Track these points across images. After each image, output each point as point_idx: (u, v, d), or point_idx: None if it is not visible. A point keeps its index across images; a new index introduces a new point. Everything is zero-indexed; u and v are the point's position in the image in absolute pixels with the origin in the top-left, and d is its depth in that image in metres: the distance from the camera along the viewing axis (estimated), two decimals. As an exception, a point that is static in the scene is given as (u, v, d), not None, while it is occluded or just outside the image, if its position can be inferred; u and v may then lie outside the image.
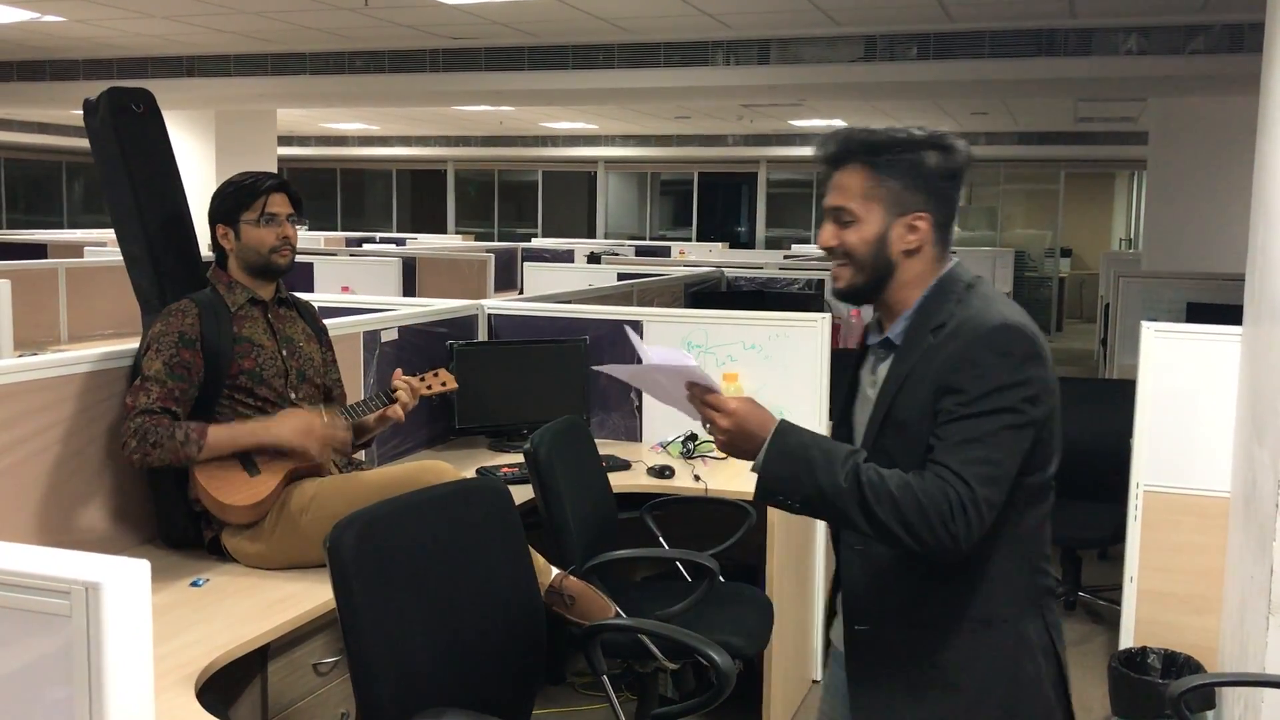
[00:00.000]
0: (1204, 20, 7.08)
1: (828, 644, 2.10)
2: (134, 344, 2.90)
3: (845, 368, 2.08)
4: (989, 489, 1.69)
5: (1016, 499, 1.76)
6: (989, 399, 1.71)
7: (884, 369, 1.87)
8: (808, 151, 15.93)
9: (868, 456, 1.77)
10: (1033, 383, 1.74)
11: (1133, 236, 17.68)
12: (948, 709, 1.82)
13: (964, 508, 1.67)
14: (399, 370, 3.09)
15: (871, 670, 1.89)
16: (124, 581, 1.13)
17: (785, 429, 1.77)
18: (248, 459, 2.77)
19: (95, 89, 3.06)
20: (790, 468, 1.74)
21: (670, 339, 4.25)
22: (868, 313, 1.99)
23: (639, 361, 1.91)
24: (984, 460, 1.69)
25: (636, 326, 4.31)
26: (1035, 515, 1.84)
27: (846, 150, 1.86)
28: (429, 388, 3.13)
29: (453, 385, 3.20)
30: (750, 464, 1.78)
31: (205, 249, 3.05)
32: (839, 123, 15.05)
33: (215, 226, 2.94)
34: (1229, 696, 3.30)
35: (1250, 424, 3.27)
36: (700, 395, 1.80)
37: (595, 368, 1.92)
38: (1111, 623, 4.20)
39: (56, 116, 15.48)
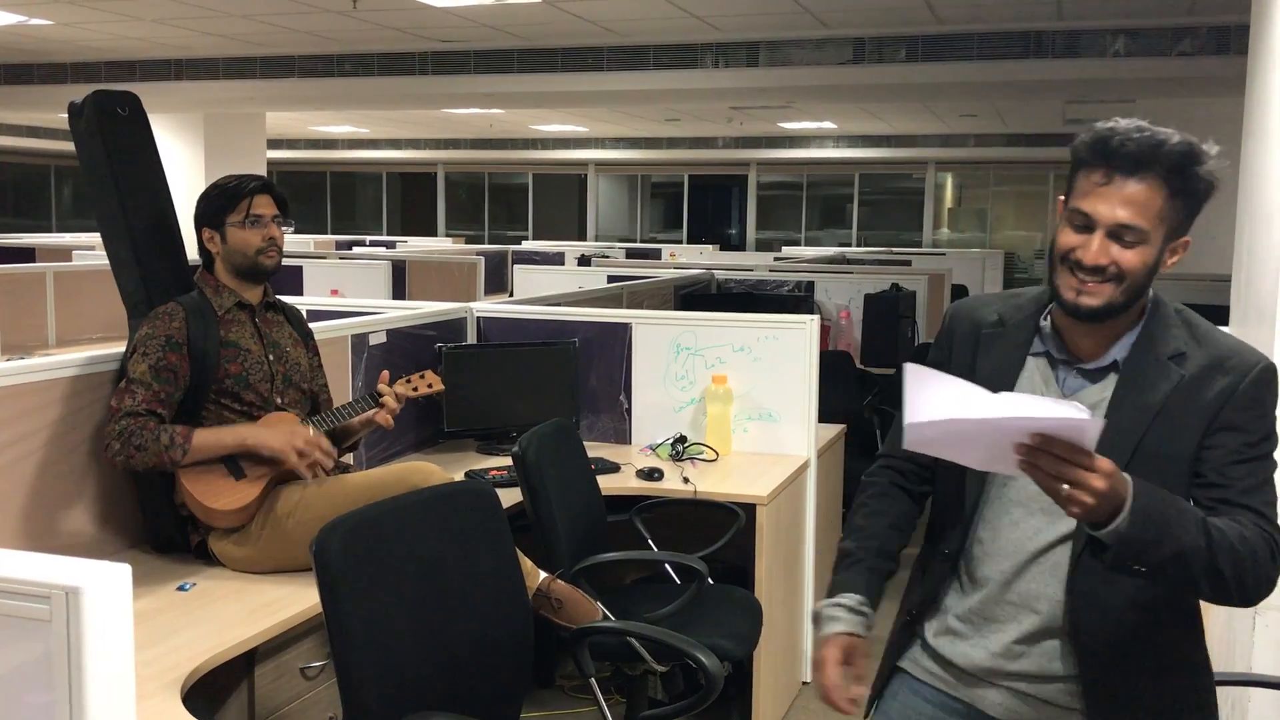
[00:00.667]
0: (1191, 22, 7.12)
1: (890, 671, 1.93)
2: (121, 348, 2.89)
3: (836, 369, 1.93)
4: None
5: None
6: (1269, 440, 1.68)
7: (1091, 392, 1.74)
8: (798, 154, 15.93)
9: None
10: None
11: (1122, 238, 17.70)
12: None
13: (1277, 552, 1.62)
14: (385, 374, 3.08)
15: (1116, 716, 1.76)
16: (105, 586, 1.13)
17: (1142, 488, 1.53)
18: (233, 463, 2.76)
19: (83, 92, 3.05)
20: (1153, 530, 1.53)
21: (660, 341, 4.25)
22: (857, 314, 1.93)
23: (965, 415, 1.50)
24: (1274, 503, 1.66)
25: (625, 329, 4.30)
26: None
27: (1151, 158, 1.62)
28: (415, 390, 3.12)
29: (439, 387, 3.19)
30: (1098, 525, 1.53)
31: (193, 253, 3.04)
32: (828, 125, 15.09)
33: (201, 230, 2.94)
34: (1219, 696, 3.30)
35: (1237, 424, 3.28)
36: (1068, 453, 1.46)
37: (912, 422, 1.50)
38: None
39: (45, 120, 15.44)
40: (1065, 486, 1.48)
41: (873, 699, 1.94)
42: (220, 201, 2.92)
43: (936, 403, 1.50)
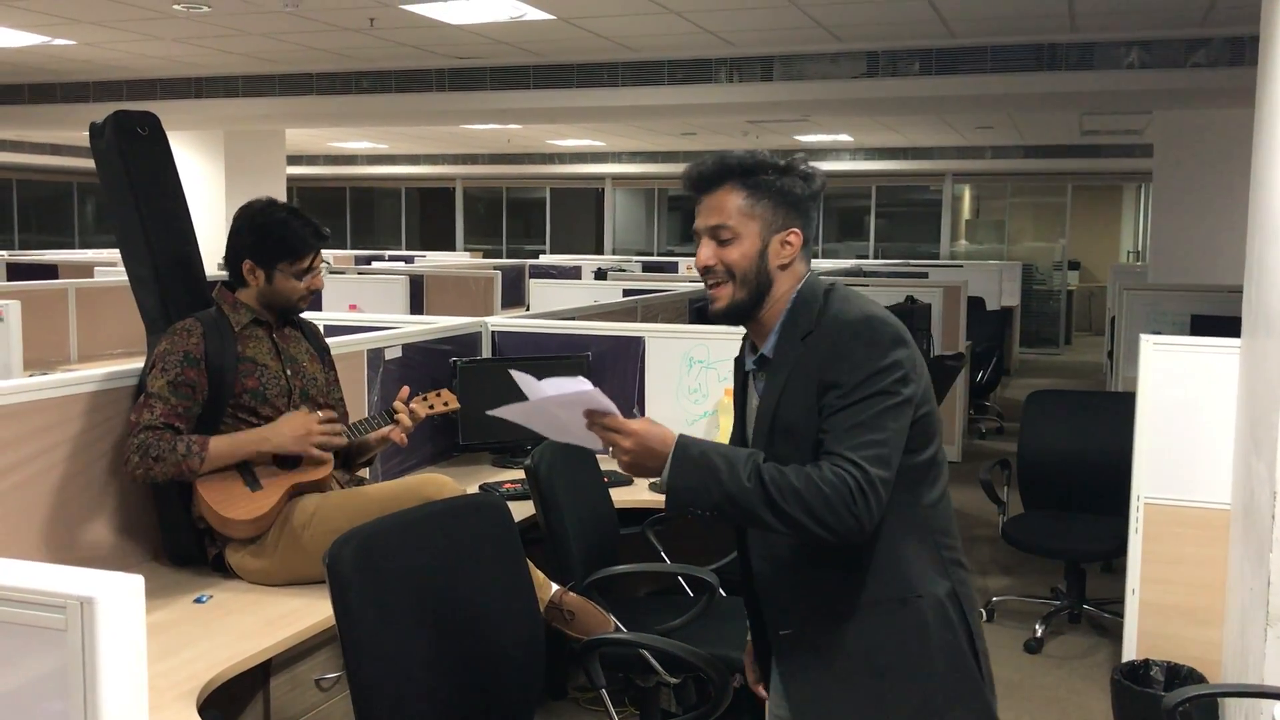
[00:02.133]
0: (1204, 34, 7.11)
1: (766, 653, 2.13)
2: (141, 363, 2.93)
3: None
4: (880, 468, 1.79)
5: (907, 478, 1.87)
6: (863, 386, 1.82)
7: (764, 384, 1.96)
8: (814, 166, 15.95)
9: (765, 458, 1.84)
10: (901, 364, 1.84)
11: (1141, 249, 17.66)
12: (879, 690, 1.90)
13: (861, 489, 1.76)
14: (405, 390, 3.11)
15: (801, 667, 1.96)
16: (119, 596, 1.16)
17: (685, 442, 1.82)
18: (250, 474, 2.80)
19: (105, 111, 3.10)
20: (696, 478, 1.78)
21: (672, 354, 4.27)
22: None
23: (526, 399, 1.87)
24: (870, 443, 1.80)
25: (638, 343, 4.33)
26: (931, 493, 1.94)
27: (721, 173, 1.95)
28: (431, 408, 3.16)
29: (455, 405, 3.22)
30: (654, 480, 1.83)
31: (214, 268, 3.08)
32: (844, 138, 15.10)
33: (243, 260, 2.93)
34: (1231, 709, 3.30)
35: (1248, 436, 3.28)
36: (599, 420, 1.82)
37: (490, 412, 1.91)
38: (1115, 636, 4.20)
39: (67, 138, 15.61)
40: (612, 448, 1.82)
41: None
42: (280, 248, 2.91)
43: (527, 394, 1.84)
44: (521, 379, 1.85)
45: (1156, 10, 6.69)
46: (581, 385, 1.80)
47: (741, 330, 2.07)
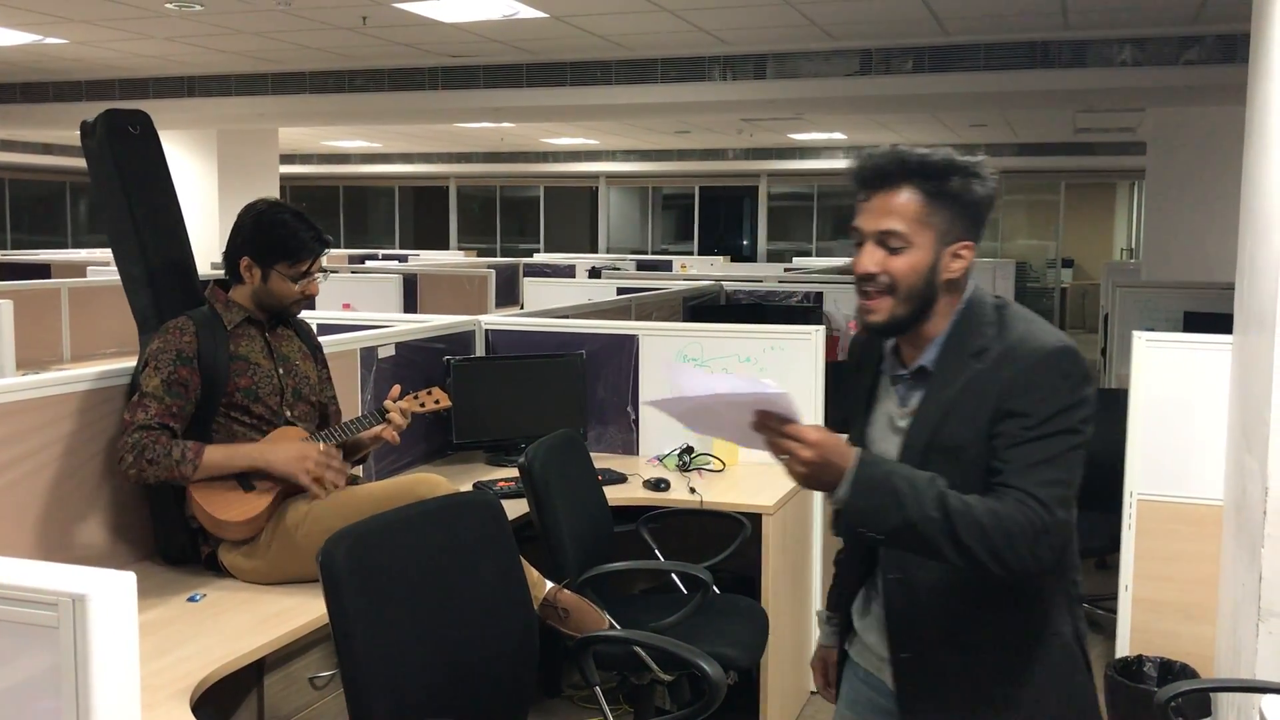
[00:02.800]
0: (1197, 31, 7.12)
1: (843, 658, 2.06)
2: (133, 362, 2.93)
3: (844, 381, 2.07)
4: (1064, 511, 1.69)
5: None
6: (1053, 421, 1.71)
7: (918, 397, 1.83)
8: (808, 165, 15.97)
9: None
10: (1088, 402, 1.75)
11: (1134, 246, 17.70)
12: None
13: (1046, 530, 1.66)
14: (396, 389, 3.11)
15: (924, 695, 1.86)
16: (111, 594, 1.16)
17: (867, 459, 1.68)
18: (243, 476, 2.80)
19: (97, 110, 3.09)
20: (877, 499, 1.65)
21: (666, 353, 4.28)
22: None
23: (687, 393, 1.72)
24: (1055, 482, 1.69)
25: (632, 341, 4.33)
26: (1070, 529, 1.82)
27: (899, 171, 1.77)
28: (422, 406, 3.15)
29: (446, 404, 3.22)
30: (831, 494, 1.69)
31: (207, 266, 3.08)
32: (838, 136, 15.12)
33: (242, 256, 2.92)
34: (1224, 704, 3.31)
35: (1240, 432, 3.29)
36: (777, 425, 1.66)
37: (646, 403, 1.83)
38: (1109, 631, 4.20)
39: (60, 137, 15.58)
40: (785, 456, 1.67)
41: (837, 683, 2.09)
42: (279, 248, 2.90)
43: (680, 386, 1.71)
44: (684, 372, 1.76)
45: (1149, 8, 6.71)
46: (771, 387, 1.66)
47: (729, 327, 2.00)
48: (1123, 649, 3.82)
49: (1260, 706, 1.22)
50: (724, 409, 1.70)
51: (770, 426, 1.66)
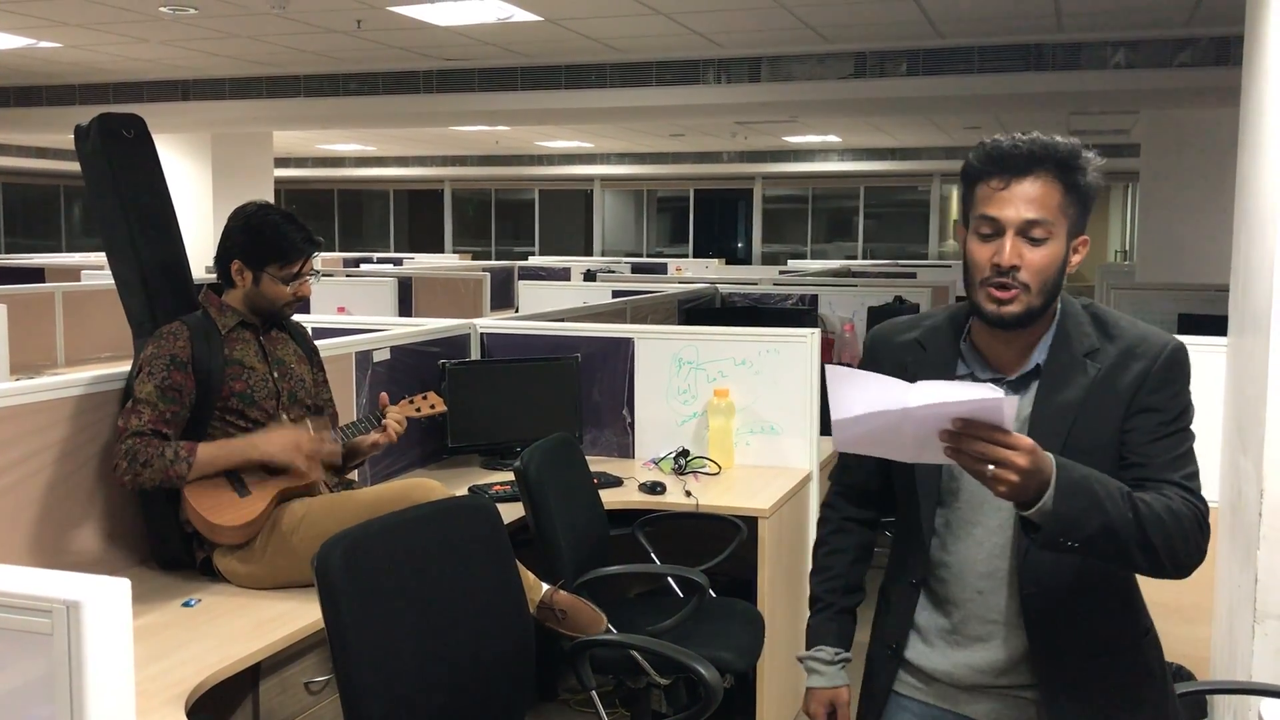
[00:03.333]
0: (1190, 33, 7.14)
1: (888, 689, 1.93)
2: (127, 367, 2.92)
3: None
4: (1204, 503, 1.72)
5: None
6: (1183, 417, 1.75)
7: (1023, 401, 1.76)
8: (802, 168, 16.02)
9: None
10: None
11: (1128, 248, 17.74)
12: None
13: (1205, 521, 1.69)
14: (384, 397, 3.10)
15: (1072, 702, 1.80)
16: (105, 600, 1.15)
17: (1065, 463, 1.59)
18: (238, 480, 2.79)
19: (91, 113, 3.09)
20: (1080, 504, 1.58)
21: (661, 355, 4.27)
22: (860, 326, 1.95)
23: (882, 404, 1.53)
24: (1194, 475, 1.73)
25: (627, 344, 4.33)
26: None
27: (1044, 156, 1.70)
28: (417, 410, 3.15)
29: (441, 408, 3.22)
30: (1026, 507, 1.59)
31: (202, 271, 3.07)
32: (833, 138, 15.13)
33: (233, 259, 2.92)
34: (1219, 706, 3.31)
35: (1235, 434, 3.30)
36: (988, 434, 1.52)
37: (838, 419, 1.57)
38: (1105, 634, 4.21)
39: (54, 141, 15.57)
40: (990, 467, 1.52)
41: None
42: (271, 250, 2.89)
43: (858, 399, 1.53)
44: (854, 378, 1.55)
45: (1142, 10, 6.73)
46: (994, 393, 1.51)
47: (724, 329, 1.96)
48: (1119, 651, 3.82)
49: (1259, 710, 1.22)
50: (920, 421, 1.53)
51: (975, 435, 1.52)
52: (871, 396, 1.52)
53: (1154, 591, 3.79)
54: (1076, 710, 1.80)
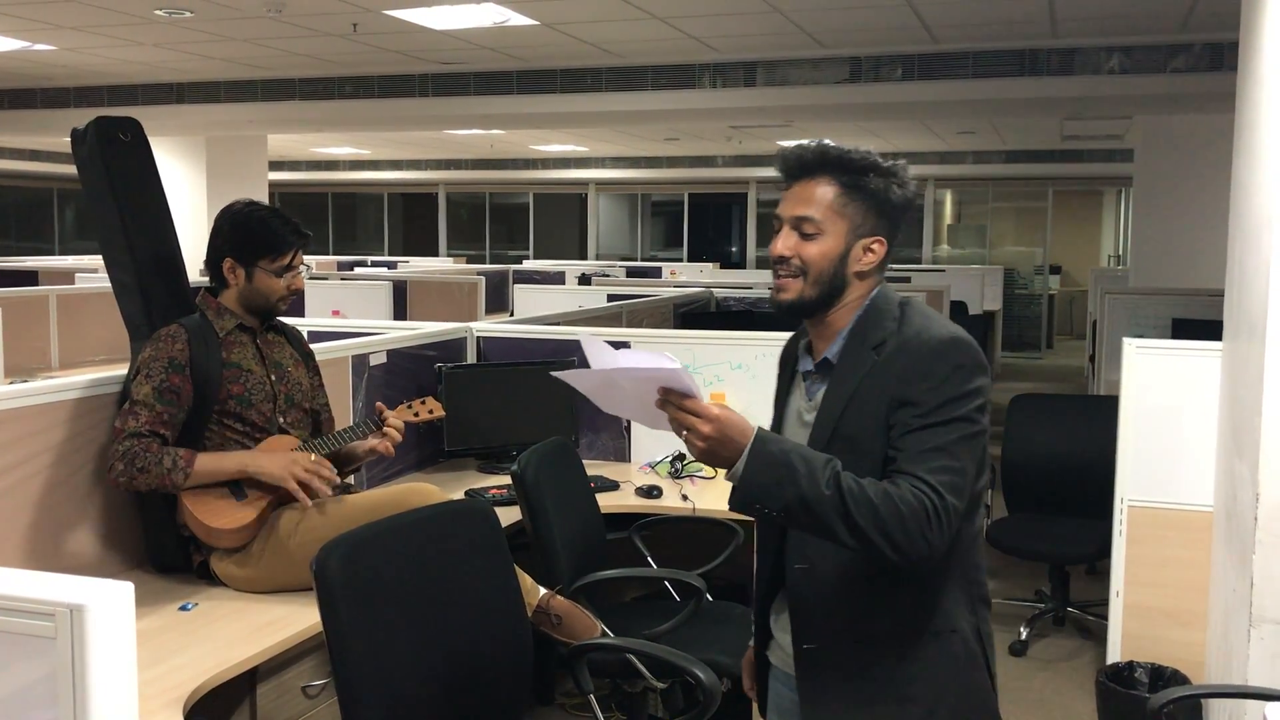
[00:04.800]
0: (1184, 39, 7.16)
1: (765, 666, 2.08)
2: (123, 370, 2.92)
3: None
4: (955, 497, 1.72)
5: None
6: (945, 409, 1.76)
7: (823, 391, 1.89)
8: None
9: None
10: (982, 392, 1.79)
11: (1121, 253, 17.78)
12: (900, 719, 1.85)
13: (937, 513, 1.70)
14: (380, 406, 3.09)
15: (823, 687, 1.89)
16: (108, 603, 1.15)
17: (764, 436, 1.73)
18: (235, 484, 2.79)
19: (86, 116, 3.09)
20: (772, 474, 1.69)
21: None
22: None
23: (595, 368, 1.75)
24: (947, 469, 1.73)
25: (623, 348, 4.32)
26: (972, 525, 1.88)
27: (820, 163, 1.87)
28: (416, 415, 3.15)
29: (440, 414, 3.21)
30: (726, 471, 1.74)
31: (196, 274, 3.07)
32: (828, 144, 15.13)
33: (224, 259, 2.93)
34: (1215, 710, 3.32)
35: (1230, 438, 3.31)
36: (678, 400, 1.71)
37: (554, 373, 1.86)
38: (1100, 638, 4.22)
39: (48, 144, 15.53)
40: (685, 432, 1.72)
41: (760, 691, 2.12)
42: (260, 244, 2.90)
43: (592, 360, 1.74)
44: (592, 345, 1.76)
45: (1137, 16, 6.74)
46: (668, 362, 1.69)
47: (720, 334, 2.02)
48: (1114, 655, 3.83)
49: (1264, 713, 1.22)
50: (628, 385, 1.74)
51: (672, 402, 1.71)
52: (594, 360, 1.74)
53: (1148, 596, 3.82)
54: (831, 695, 1.88)
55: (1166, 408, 3.74)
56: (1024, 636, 4.69)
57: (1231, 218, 3.48)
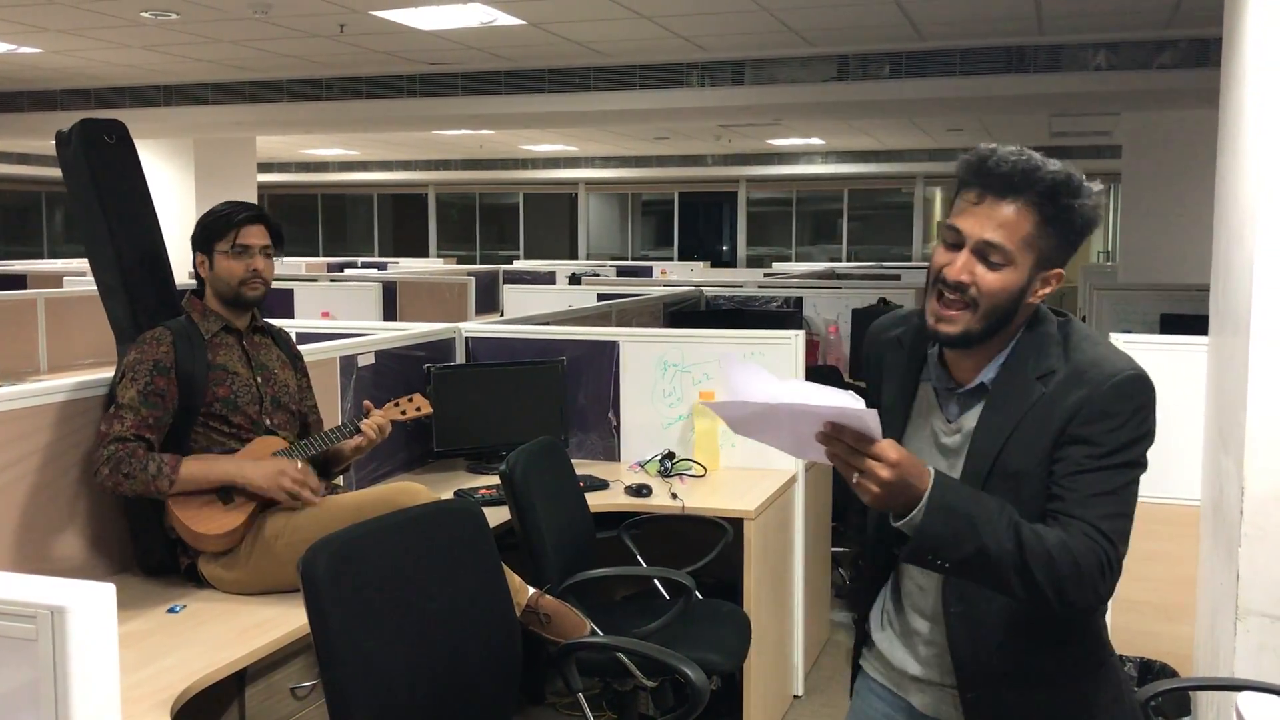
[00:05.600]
0: (1170, 35, 7.19)
1: (855, 672, 1.98)
2: (110, 373, 2.91)
3: (825, 383, 1.94)
4: (1124, 545, 1.64)
5: None
6: (1122, 453, 1.64)
7: (971, 416, 1.75)
8: (787, 170, 16.03)
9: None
10: (1152, 434, 1.69)
11: (1111, 249, 17.82)
12: None
13: (1110, 565, 1.61)
14: (368, 405, 3.09)
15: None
16: (90, 605, 1.15)
17: (944, 483, 1.59)
18: (222, 488, 2.78)
19: (73, 119, 3.08)
20: (952, 526, 1.56)
21: (647, 358, 4.28)
22: (845, 329, 1.94)
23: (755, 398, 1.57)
24: (1119, 515, 1.64)
25: (613, 347, 4.33)
26: None
27: (1026, 183, 1.65)
28: (403, 414, 3.14)
29: (427, 410, 3.21)
30: (897, 517, 1.59)
31: (185, 276, 3.07)
32: (817, 141, 15.16)
33: (196, 254, 2.98)
34: (1203, 703, 3.33)
35: (1216, 432, 3.32)
36: (853, 441, 1.55)
37: (707, 404, 1.69)
38: (1089, 633, 4.23)
39: (35, 147, 15.47)
40: (856, 475, 1.56)
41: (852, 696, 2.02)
42: (212, 229, 2.95)
43: (738, 387, 1.57)
44: (742, 370, 1.58)
45: (1123, 12, 6.76)
46: (855, 401, 1.53)
47: (709, 332, 1.93)
48: (1103, 649, 3.84)
49: (1236, 704, 1.23)
50: (791, 418, 1.58)
51: (844, 441, 1.55)
52: (749, 387, 1.56)
53: (1136, 591, 3.83)
54: None
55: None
56: (1014, 632, 4.69)
57: (1216, 214, 3.49)
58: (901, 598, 1.88)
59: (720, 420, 4.07)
